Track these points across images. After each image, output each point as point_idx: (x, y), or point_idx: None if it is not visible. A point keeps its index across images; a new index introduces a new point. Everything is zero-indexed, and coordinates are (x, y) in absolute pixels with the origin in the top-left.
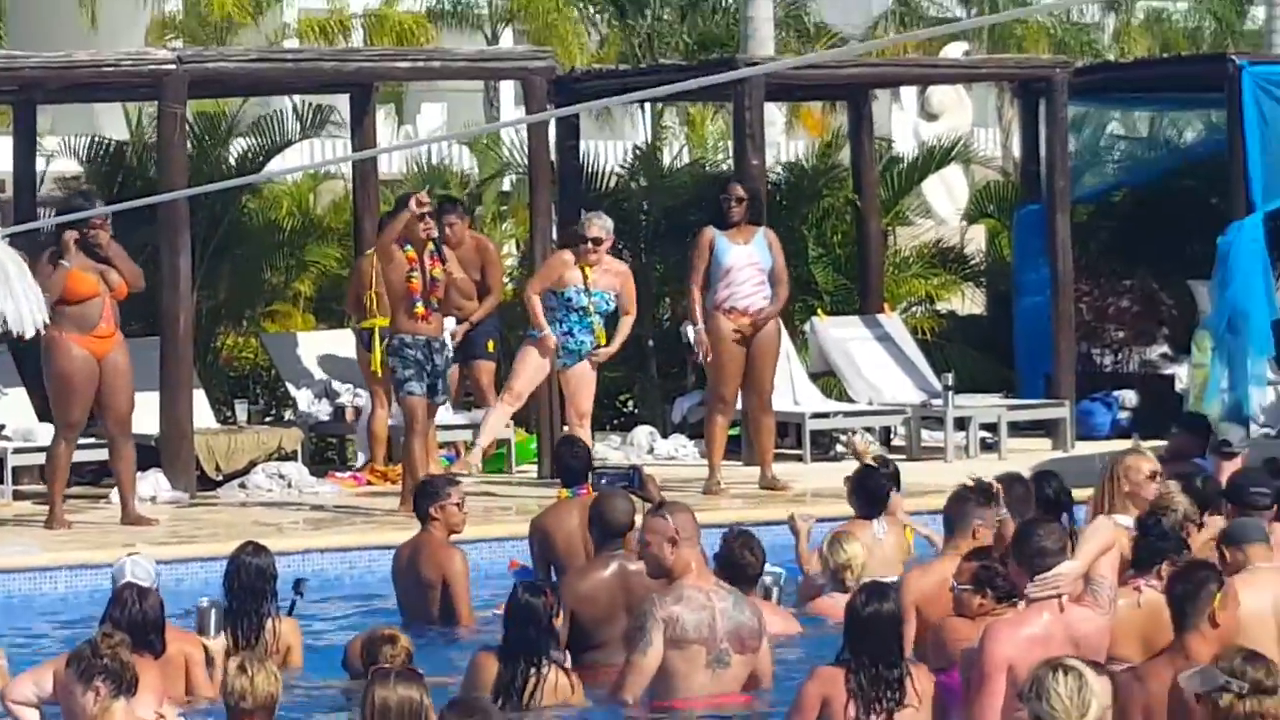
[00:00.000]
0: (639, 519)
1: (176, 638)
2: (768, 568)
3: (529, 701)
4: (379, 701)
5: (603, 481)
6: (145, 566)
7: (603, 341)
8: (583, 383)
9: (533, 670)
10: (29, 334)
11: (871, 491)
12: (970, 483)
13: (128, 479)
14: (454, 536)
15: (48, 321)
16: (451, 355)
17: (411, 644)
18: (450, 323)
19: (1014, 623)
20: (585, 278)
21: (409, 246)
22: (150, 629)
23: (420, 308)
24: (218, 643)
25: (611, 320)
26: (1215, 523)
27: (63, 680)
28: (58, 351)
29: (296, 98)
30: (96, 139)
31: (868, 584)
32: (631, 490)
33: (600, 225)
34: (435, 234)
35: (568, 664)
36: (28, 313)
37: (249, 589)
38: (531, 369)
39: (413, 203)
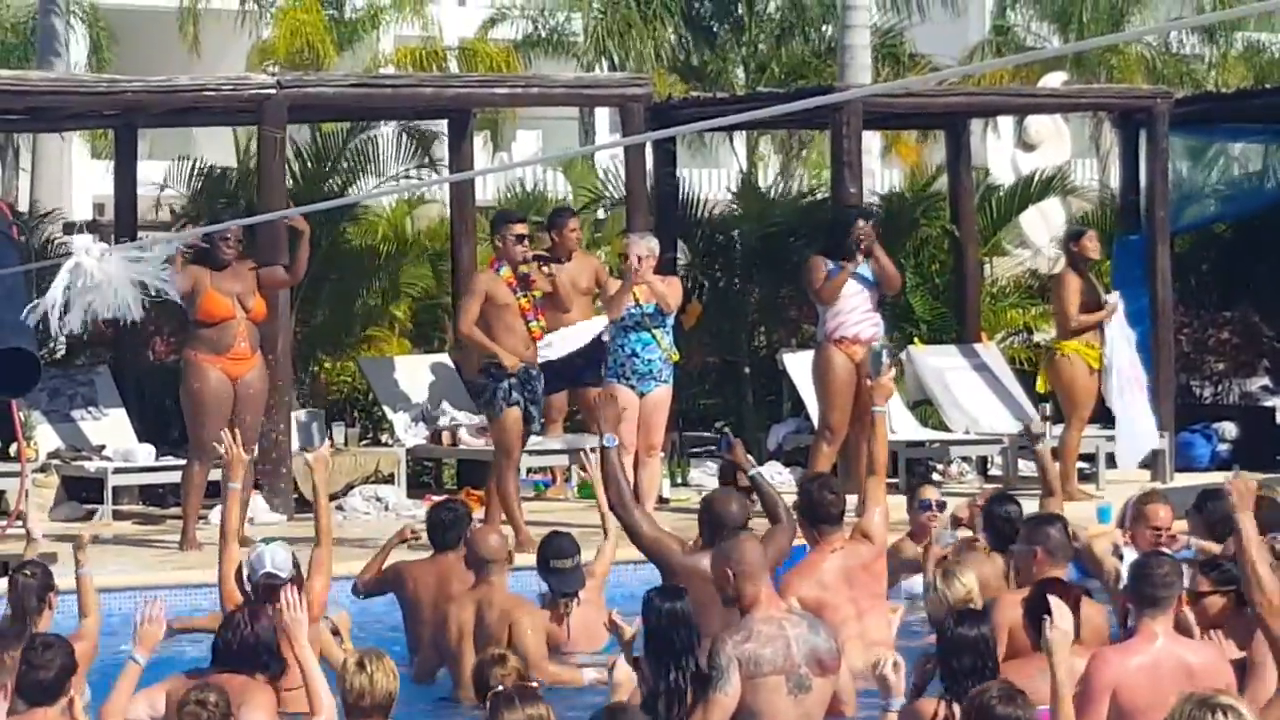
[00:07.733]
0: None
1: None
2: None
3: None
4: None
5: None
6: (284, 555)
7: (675, 359)
8: (657, 410)
9: (684, 680)
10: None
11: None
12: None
13: None
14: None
15: (140, 314)
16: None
17: (521, 664)
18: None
19: (1123, 650)
20: (635, 298)
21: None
22: (264, 650)
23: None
24: (323, 450)
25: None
26: None
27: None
28: (193, 372)
29: (398, 126)
30: (200, 165)
31: (961, 609)
32: (719, 455)
33: (641, 245)
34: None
35: None
36: (125, 301)
37: None
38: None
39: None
